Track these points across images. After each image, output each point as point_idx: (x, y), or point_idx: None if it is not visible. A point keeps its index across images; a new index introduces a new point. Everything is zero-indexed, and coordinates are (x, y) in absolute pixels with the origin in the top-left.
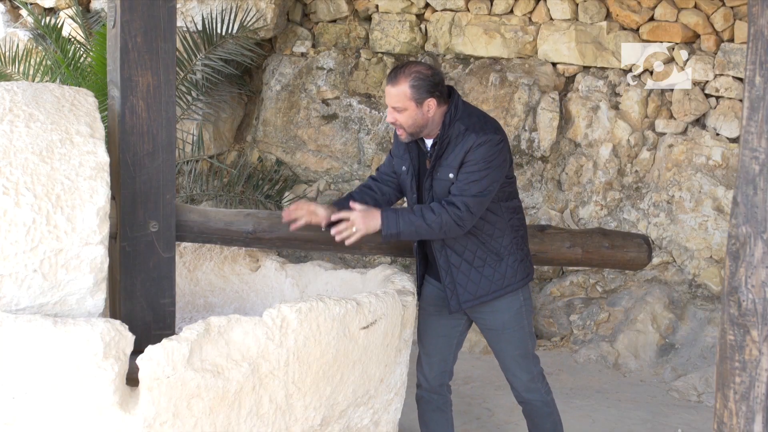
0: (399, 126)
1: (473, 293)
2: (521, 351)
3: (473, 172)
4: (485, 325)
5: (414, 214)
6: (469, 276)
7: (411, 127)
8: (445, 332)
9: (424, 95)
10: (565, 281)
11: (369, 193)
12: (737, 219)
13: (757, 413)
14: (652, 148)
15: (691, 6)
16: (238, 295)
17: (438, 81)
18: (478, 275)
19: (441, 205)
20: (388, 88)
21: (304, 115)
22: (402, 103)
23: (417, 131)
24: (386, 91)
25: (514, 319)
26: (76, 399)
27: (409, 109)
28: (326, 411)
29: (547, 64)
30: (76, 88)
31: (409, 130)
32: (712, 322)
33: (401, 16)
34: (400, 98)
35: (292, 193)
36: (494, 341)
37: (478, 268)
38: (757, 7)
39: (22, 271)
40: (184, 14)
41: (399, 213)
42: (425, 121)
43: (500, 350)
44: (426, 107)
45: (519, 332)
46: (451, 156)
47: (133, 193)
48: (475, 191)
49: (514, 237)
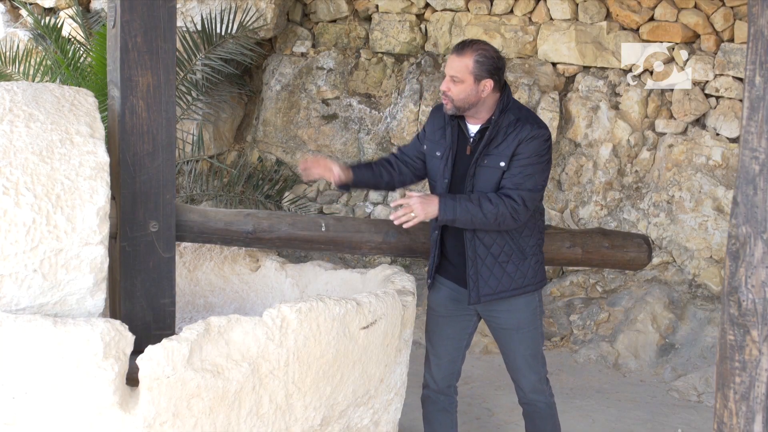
0: (449, 98)
1: (494, 288)
2: (532, 351)
3: (528, 166)
4: (499, 324)
5: (471, 201)
6: (492, 270)
7: (461, 101)
8: (456, 334)
9: (484, 74)
10: (565, 281)
11: (387, 167)
12: (737, 219)
13: (757, 413)
14: (652, 148)
15: (691, 6)
16: (238, 295)
17: (501, 66)
18: (501, 271)
19: (498, 197)
20: (453, 56)
21: (304, 115)
22: (461, 74)
23: (465, 107)
24: (449, 59)
25: (529, 320)
26: (76, 399)
27: (466, 82)
28: (326, 411)
29: (547, 64)
30: (76, 88)
31: (458, 104)
32: (712, 322)
33: (401, 16)
34: (461, 69)
35: (292, 193)
36: (506, 341)
37: (502, 264)
38: (757, 7)
39: (22, 271)
40: (184, 14)
41: (457, 200)
42: (476, 100)
43: (512, 350)
44: (482, 86)
45: (533, 333)
46: (503, 145)
47: (133, 193)
48: (530, 185)
49: (539, 239)
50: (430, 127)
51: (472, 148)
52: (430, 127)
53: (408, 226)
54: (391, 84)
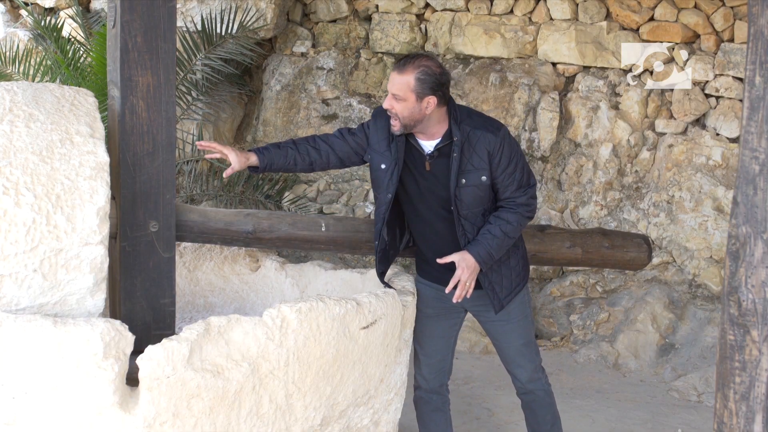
0: (394, 115)
1: (508, 288)
2: (525, 340)
3: (515, 169)
4: (489, 317)
5: (496, 237)
6: (501, 272)
7: (406, 119)
8: (444, 333)
9: (426, 91)
10: (565, 281)
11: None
12: (737, 219)
13: (757, 413)
14: (652, 148)
15: (691, 6)
16: (238, 295)
17: (444, 81)
18: (507, 268)
19: (511, 212)
20: (394, 74)
21: (304, 115)
22: (403, 93)
23: (411, 124)
24: (391, 76)
25: (519, 309)
26: (76, 399)
27: (408, 100)
28: (326, 411)
29: (547, 64)
30: (76, 88)
31: (404, 122)
32: (712, 322)
33: (401, 16)
34: (402, 87)
35: (292, 193)
36: (499, 332)
37: (504, 262)
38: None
39: (22, 271)
40: (184, 14)
41: (485, 245)
42: (421, 117)
43: (506, 341)
44: (425, 103)
45: (524, 321)
46: (474, 158)
47: (133, 193)
48: (527, 180)
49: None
50: (374, 136)
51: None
52: (375, 136)
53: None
54: None
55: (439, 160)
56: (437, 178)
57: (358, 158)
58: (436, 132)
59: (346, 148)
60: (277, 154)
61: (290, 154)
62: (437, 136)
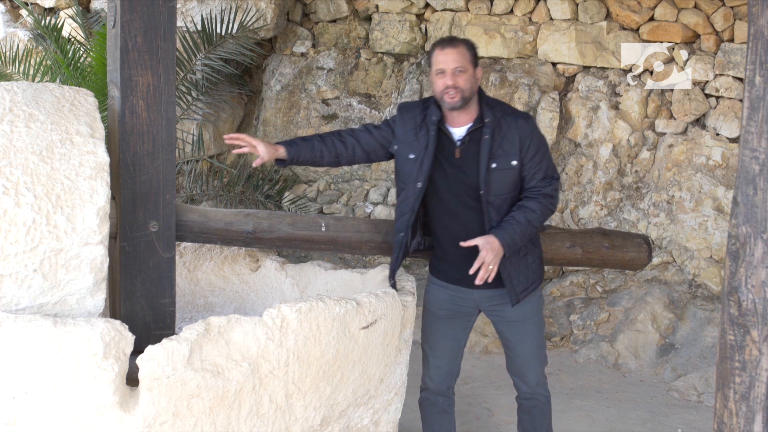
0: (458, 89)
1: (524, 283)
2: (538, 342)
3: (542, 156)
4: (505, 317)
5: (520, 223)
6: (519, 267)
7: (467, 92)
8: (455, 335)
9: (476, 61)
10: (565, 281)
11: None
12: (737, 219)
13: (757, 413)
14: (652, 148)
15: (691, 6)
16: (238, 295)
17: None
18: (525, 264)
19: (536, 201)
20: (448, 50)
21: (304, 115)
22: (463, 64)
23: (469, 97)
24: (444, 54)
25: (535, 311)
26: (76, 399)
27: (467, 71)
28: (326, 411)
29: (547, 64)
30: (76, 88)
31: (464, 95)
32: (712, 322)
33: (401, 16)
34: (461, 59)
35: (292, 193)
36: (514, 334)
37: (523, 257)
38: (757, 7)
39: (22, 271)
40: (184, 14)
41: (512, 231)
42: (475, 88)
43: (519, 342)
44: (477, 74)
45: (538, 323)
46: (505, 143)
47: (133, 193)
48: (553, 171)
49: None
50: (401, 128)
51: (463, 153)
52: (402, 128)
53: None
54: (391, 84)
55: (470, 146)
56: (467, 164)
57: (383, 152)
58: (467, 117)
59: (372, 141)
60: (304, 147)
61: (317, 147)
62: (468, 122)
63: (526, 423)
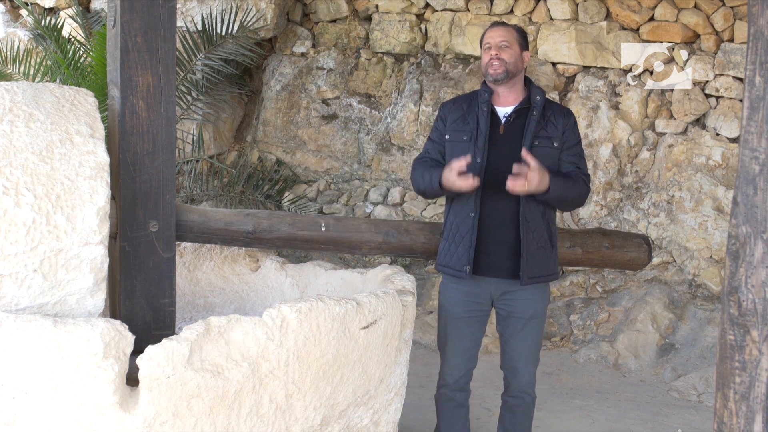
0: (503, 61)
1: (538, 271)
2: (537, 343)
3: (579, 149)
4: (513, 312)
5: (568, 179)
6: (537, 255)
7: (510, 65)
8: (475, 333)
9: (525, 45)
10: (565, 281)
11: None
12: (737, 219)
13: (757, 413)
14: (652, 148)
15: (691, 6)
16: (238, 295)
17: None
18: (543, 255)
19: (578, 178)
20: (497, 28)
21: (304, 115)
22: (509, 41)
23: (513, 72)
24: (492, 31)
25: (542, 310)
26: (76, 399)
27: (512, 48)
28: (326, 411)
29: (547, 64)
30: (76, 88)
31: (510, 67)
32: (712, 322)
33: (401, 16)
34: (507, 36)
35: (292, 193)
36: (517, 330)
37: (540, 249)
38: (757, 7)
39: (22, 271)
40: (184, 14)
41: (561, 178)
42: (520, 69)
43: (521, 340)
44: (525, 57)
45: (542, 323)
46: (549, 126)
47: (133, 193)
48: (585, 169)
49: (557, 229)
50: (451, 118)
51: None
52: (451, 118)
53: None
54: (391, 84)
55: (515, 122)
56: (510, 141)
57: None
58: (513, 97)
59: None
60: None
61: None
62: (514, 102)
63: (507, 421)
